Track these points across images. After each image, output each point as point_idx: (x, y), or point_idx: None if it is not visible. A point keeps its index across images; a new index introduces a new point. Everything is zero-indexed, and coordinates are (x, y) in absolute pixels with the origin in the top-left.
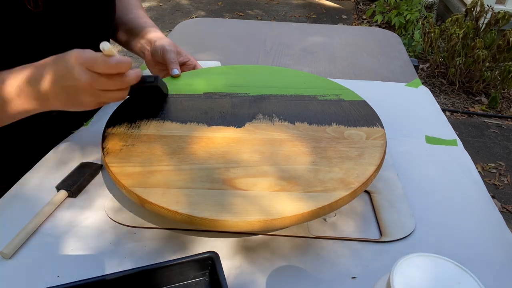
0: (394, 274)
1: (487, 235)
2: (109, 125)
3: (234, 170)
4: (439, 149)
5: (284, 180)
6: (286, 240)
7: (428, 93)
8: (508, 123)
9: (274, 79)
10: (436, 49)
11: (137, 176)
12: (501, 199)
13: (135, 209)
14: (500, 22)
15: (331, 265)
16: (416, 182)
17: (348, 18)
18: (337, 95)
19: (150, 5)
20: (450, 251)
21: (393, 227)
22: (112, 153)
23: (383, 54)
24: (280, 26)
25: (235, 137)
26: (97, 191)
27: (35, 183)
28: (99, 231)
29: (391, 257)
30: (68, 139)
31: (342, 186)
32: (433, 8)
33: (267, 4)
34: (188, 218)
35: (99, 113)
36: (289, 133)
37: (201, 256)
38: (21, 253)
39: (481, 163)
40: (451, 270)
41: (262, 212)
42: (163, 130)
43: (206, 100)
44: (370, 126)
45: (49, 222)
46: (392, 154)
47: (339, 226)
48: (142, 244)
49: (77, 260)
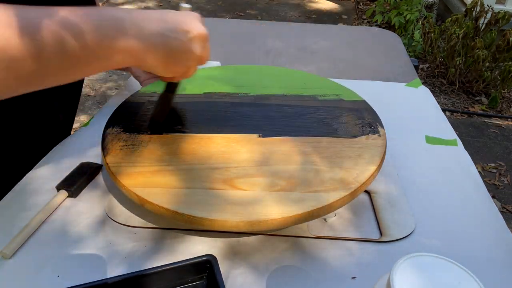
0: (394, 274)
1: (487, 235)
2: (109, 125)
3: (234, 170)
4: (439, 149)
5: (284, 180)
6: (286, 240)
7: (428, 93)
8: (508, 123)
9: (274, 79)
10: (436, 49)
11: (137, 176)
12: (501, 199)
13: (135, 209)
14: (500, 22)
15: (331, 265)
16: (416, 182)
17: (348, 18)
18: (337, 95)
19: (150, 5)
20: (450, 251)
21: (393, 227)
22: (112, 153)
23: (383, 54)
24: (280, 26)
25: (235, 137)
26: (97, 191)
27: (35, 183)
28: (99, 231)
29: (391, 257)
30: (68, 139)
31: (342, 186)
32: (433, 8)
33: (267, 4)
34: (188, 218)
35: (99, 113)
36: (289, 133)
37: (199, 259)
38: (21, 253)
39: (481, 163)
40: (451, 270)
41: (262, 212)
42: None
43: (206, 100)
44: (370, 126)
45: (49, 222)
46: (392, 154)
47: (339, 226)
48: (142, 244)
49: (77, 260)
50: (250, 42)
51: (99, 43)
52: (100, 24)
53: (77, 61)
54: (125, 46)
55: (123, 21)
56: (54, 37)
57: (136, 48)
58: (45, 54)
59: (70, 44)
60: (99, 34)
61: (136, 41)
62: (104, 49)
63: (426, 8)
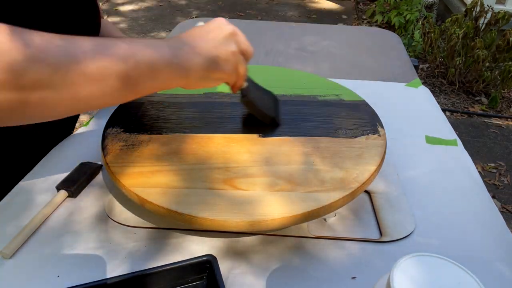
0: (394, 274)
1: (487, 235)
2: (109, 125)
3: (234, 170)
4: (439, 149)
5: (284, 180)
6: (286, 240)
7: (428, 93)
8: (508, 123)
9: (274, 79)
10: (436, 49)
11: (137, 176)
12: (501, 199)
13: (135, 209)
14: (500, 22)
15: (331, 265)
16: (416, 182)
17: (348, 18)
18: (337, 95)
19: (150, 5)
20: (450, 251)
21: (393, 227)
22: (112, 153)
23: (383, 54)
24: (280, 26)
25: (235, 137)
26: (97, 191)
27: (35, 183)
28: (99, 231)
29: (391, 257)
30: (68, 139)
31: (342, 186)
32: (433, 8)
33: (267, 4)
34: (188, 218)
35: (99, 113)
36: (289, 133)
37: (199, 259)
38: (21, 253)
39: (481, 163)
40: (451, 270)
41: (262, 212)
42: (163, 130)
43: (207, 100)
44: (370, 126)
45: (49, 222)
46: (392, 154)
47: (339, 226)
48: (142, 244)
49: (77, 260)
50: (250, 42)
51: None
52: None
53: (135, 83)
54: (169, 71)
55: (163, 45)
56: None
57: (178, 69)
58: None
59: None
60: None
61: (176, 63)
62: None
63: (426, 8)
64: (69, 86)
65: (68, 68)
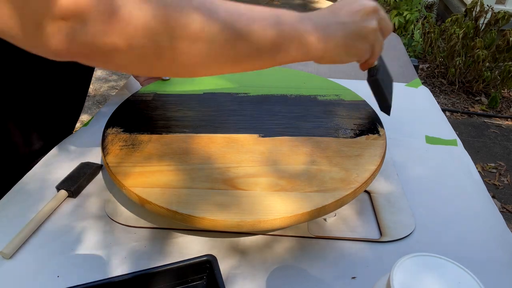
0: (394, 274)
1: (487, 235)
2: (109, 125)
3: (234, 170)
4: (439, 149)
5: (284, 180)
6: (286, 240)
7: (428, 93)
8: (508, 123)
9: (274, 79)
10: (436, 49)
11: (137, 176)
12: (501, 199)
13: (135, 209)
14: (500, 22)
15: (331, 265)
16: (416, 182)
17: None
18: (337, 95)
19: None
20: (450, 251)
21: (393, 227)
22: (112, 153)
23: (383, 54)
24: None
25: (235, 137)
26: (97, 191)
27: (35, 183)
28: (99, 231)
29: (391, 257)
30: (68, 139)
31: (342, 186)
32: (433, 8)
33: (267, 4)
34: (188, 218)
35: (99, 113)
36: (289, 133)
37: (199, 259)
38: (21, 253)
39: (481, 163)
40: (451, 270)
41: (262, 212)
42: (163, 130)
43: (206, 100)
44: (370, 126)
45: (49, 222)
46: (392, 154)
47: (339, 226)
48: (142, 244)
49: (77, 260)
50: None
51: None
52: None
53: (280, 49)
54: (306, 39)
55: (302, 17)
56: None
57: (316, 39)
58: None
59: (261, 34)
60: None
61: (316, 32)
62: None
63: (426, 8)
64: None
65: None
